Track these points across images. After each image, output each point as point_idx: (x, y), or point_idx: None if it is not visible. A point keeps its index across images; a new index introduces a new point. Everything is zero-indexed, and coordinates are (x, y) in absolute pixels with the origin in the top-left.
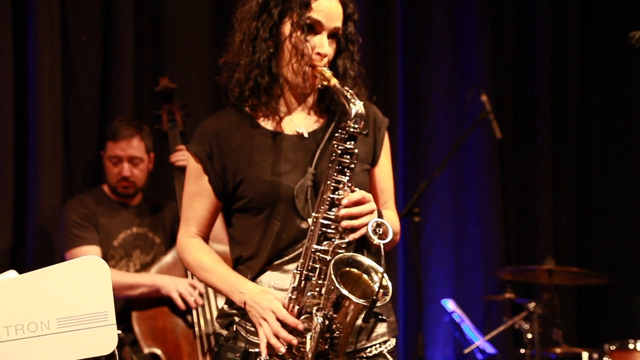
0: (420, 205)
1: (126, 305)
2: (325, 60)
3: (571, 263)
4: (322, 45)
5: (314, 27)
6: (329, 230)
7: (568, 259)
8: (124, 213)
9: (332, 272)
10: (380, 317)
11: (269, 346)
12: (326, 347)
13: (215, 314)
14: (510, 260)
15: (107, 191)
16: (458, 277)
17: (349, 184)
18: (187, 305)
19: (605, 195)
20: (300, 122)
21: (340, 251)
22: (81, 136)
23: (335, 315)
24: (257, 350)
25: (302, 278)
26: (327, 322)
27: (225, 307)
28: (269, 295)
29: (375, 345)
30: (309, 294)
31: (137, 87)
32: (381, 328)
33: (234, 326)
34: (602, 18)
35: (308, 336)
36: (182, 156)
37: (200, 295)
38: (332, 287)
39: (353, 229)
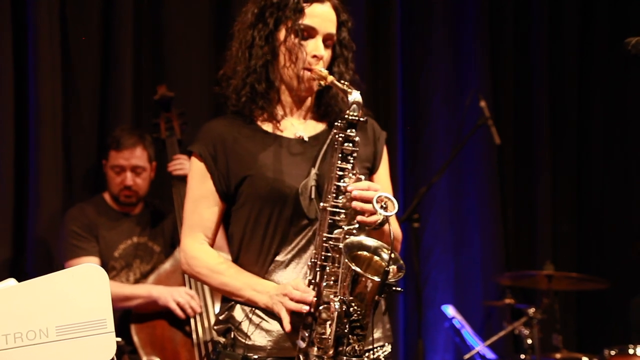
0: (420, 211)
1: (124, 317)
2: (322, 62)
3: (570, 268)
4: (317, 49)
5: (308, 32)
6: (338, 218)
7: (567, 264)
8: (124, 223)
9: (345, 255)
10: (394, 288)
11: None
12: (346, 331)
13: (213, 321)
14: (509, 265)
15: (109, 200)
16: (458, 283)
17: (354, 172)
18: (186, 314)
19: (604, 200)
20: (300, 126)
21: (350, 237)
22: (81, 144)
23: (351, 298)
24: (256, 356)
25: (318, 269)
26: (344, 306)
27: (222, 316)
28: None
29: (372, 350)
30: (324, 284)
31: (137, 95)
32: (376, 333)
33: (232, 333)
34: (601, 24)
35: (327, 324)
36: (180, 165)
37: (199, 305)
38: (347, 271)
39: (362, 213)
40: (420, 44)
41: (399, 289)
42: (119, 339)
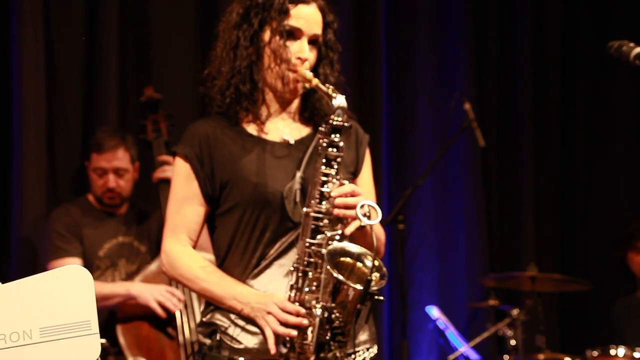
0: (405, 213)
1: (110, 318)
2: (307, 64)
3: (554, 270)
4: (302, 50)
5: (293, 34)
6: (321, 224)
7: (551, 266)
8: (109, 222)
9: (327, 262)
10: (376, 297)
11: (279, 339)
12: (327, 338)
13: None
14: (494, 267)
15: (93, 201)
16: (442, 284)
17: (337, 177)
18: (169, 314)
19: (588, 202)
20: (285, 130)
21: (333, 243)
22: (65, 146)
23: (333, 305)
24: (241, 358)
25: (300, 274)
26: (326, 313)
27: (205, 318)
28: (270, 294)
29: (358, 352)
30: (306, 289)
31: (122, 96)
32: (363, 335)
33: (217, 335)
34: (584, 27)
35: (309, 330)
36: (164, 170)
37: (180, 301)
38: (329, 278)
39: (345, 222)
40: (406, 46)
41: (381, 297)
42: (104, 341)
